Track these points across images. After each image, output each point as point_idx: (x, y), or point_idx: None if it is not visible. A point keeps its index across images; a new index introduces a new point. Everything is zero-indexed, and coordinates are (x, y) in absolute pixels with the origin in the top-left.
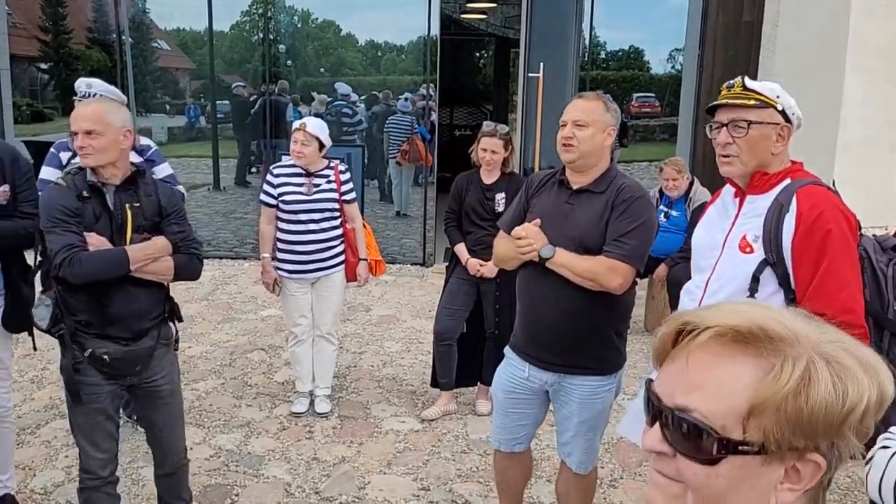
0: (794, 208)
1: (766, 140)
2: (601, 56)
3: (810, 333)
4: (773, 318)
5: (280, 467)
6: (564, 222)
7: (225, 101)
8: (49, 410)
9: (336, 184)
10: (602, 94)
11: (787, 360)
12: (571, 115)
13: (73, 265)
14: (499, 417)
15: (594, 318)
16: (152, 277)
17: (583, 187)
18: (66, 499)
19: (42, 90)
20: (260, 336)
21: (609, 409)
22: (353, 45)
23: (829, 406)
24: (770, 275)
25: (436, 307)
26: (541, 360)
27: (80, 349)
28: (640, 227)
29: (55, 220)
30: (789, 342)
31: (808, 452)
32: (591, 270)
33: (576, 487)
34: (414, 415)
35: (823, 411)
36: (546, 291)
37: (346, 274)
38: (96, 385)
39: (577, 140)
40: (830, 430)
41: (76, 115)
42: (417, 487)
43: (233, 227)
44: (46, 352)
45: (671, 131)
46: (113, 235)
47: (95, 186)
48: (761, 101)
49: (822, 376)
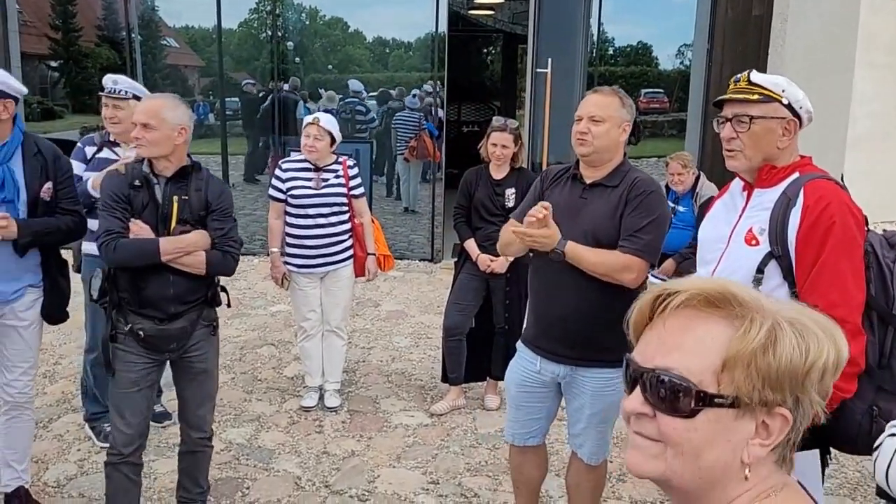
0: (800, 202)
1: (770, 134)
2: (609, 52)
3: (773, 304)
4: (739, 287)
5: (290, 461)
6: (578, 216)
7: (234, 98)
8: (62, 404)
9: (344, 178)
10: (618, 90)
11: (755, 320)
12: (587, 109)
13: (108, 250)
14: (511, 411)
15: (607, 310)
16: (185, 269)
17: (596, 181)
18: (78, 491)
19: (52, 88)
20: (269, 331)
21: (619, 403)
22: (360, 41)
23: (794, 360)
24: (775, 268)
25: (444, 303)
26: (553, 353)
27: (123, 322)
28: (654, 221)
29: (105, 204)
30: (755, 307)
31: (775, 406)
32: (604, 264)
33: (586, 479)
34: (423, 409)
35: (789, 365)
36: (559, 284)
37: (354, 269)
38: (134, 355)
39: (593, 135)
40: (795, 383)
41: (138, 107)
42: (427, 481)
43: (242, 223)
44: (59, 346)
45: (680, 127)
46: (157, 224)
47: (147, 177)
48: (766, 96)
49: (786, 334)
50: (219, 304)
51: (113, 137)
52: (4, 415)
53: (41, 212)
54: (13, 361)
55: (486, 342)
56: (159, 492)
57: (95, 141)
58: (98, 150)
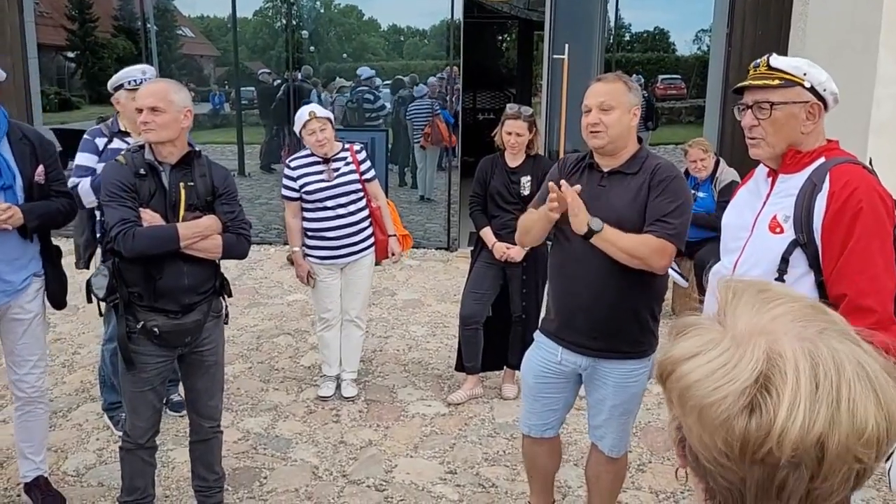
0: (826, 187)
1: (793, 120)
2: (625, 38)
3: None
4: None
5: (307, 450)
6: (598, 204)
7: (249, 87)
8: (80, 394)
9: (354, 164)
10: (621, 75)
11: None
12: (594, 99)
13: (126, 239)
14: (528, 402)
15: (632, 299)
16: (201, 254)
17: (615, 169)
18: (97, 480)
19: (69, 79)
20: (286, 320)
21: (643, 393)
22: (375, 29)
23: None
24: (800, 256)
25: (460, 291)
26: (576, 344)
27: (133, 320)
28: (681, 206)
29: (112, 194)
30: None
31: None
32: (638, 248)
33: (606, 471)
34: (440, 399)
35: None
36: (582, 273)
37: (376, 253)
38: (147, 355)
39: (605, 125)
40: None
41: (142, 91)
42: (444, 471)
43: (258, 212)
44: (77, 336)
45: (697, 113)
46: (166, 212)
47: (152, 165)
48: (787, 80)
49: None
50: (230, 294)
51: (124, 126)
52: (18, 410)
53: (37, 196)
54: (22, 356)
55: (503, 331)
56: (177, 481)
57: (104, 132)
58: (109, 141)
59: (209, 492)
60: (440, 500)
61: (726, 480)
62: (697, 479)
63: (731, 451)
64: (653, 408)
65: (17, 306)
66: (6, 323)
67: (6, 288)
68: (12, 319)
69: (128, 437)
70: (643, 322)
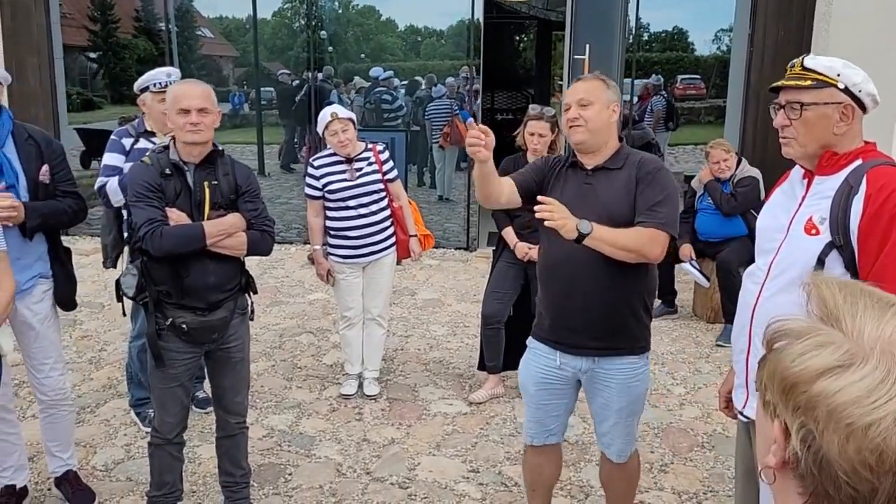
0: (863, 189)
1: (824, 121)
2: (644, 38)
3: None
4: None
5: (331, 448)
6: (587, 202)
7: (268, 87)
8: (108, 390)
9: (377, 164)
10: (600, 74)
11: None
12: (573, 96)
13: (154, 238)
14: (531, 411)
15: (628, 294)
16: (227, 252)
17: (599, 166)
18: (126, 475)
19: (92, 79)
20: (308, 319)
21: (646, 392)
22: (393, 30)
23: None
24: (836, 258)
25: (480, 291)
26: (574, 347)
27: (162, 317)
28: (669, 195)
29: (139, 194)
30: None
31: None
32: (631, 241)
33: (619, 477)
34: (461, 398)
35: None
36: (576, 273)
37: (398, 252)
38: (176, 352)
39: (584, 119)
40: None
41: (188, 92)
42: (467, 469)
43: (278, 212)
44: (103, 333)
45: (717, 114)
46: (192, 211)
47: (177, 165)
48: (819, 81)
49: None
50: (255, 291)
51: (149, 127)
52: (42, 412)
53: (42, 196)
54: (38, 359)
55: (524, 331)
56: (203, 476)
57: (130, 132)
58: (135, 142)
59: (236, 487)
60: (463, 499)
61: (854, 490)
62: (798, 484)
63: (881, 465)
64: (674, 409)
65: (24, 308)
66: (18, 326)
67: None
68: (22, 322)
69: (157, 432)
70: (639, 317)
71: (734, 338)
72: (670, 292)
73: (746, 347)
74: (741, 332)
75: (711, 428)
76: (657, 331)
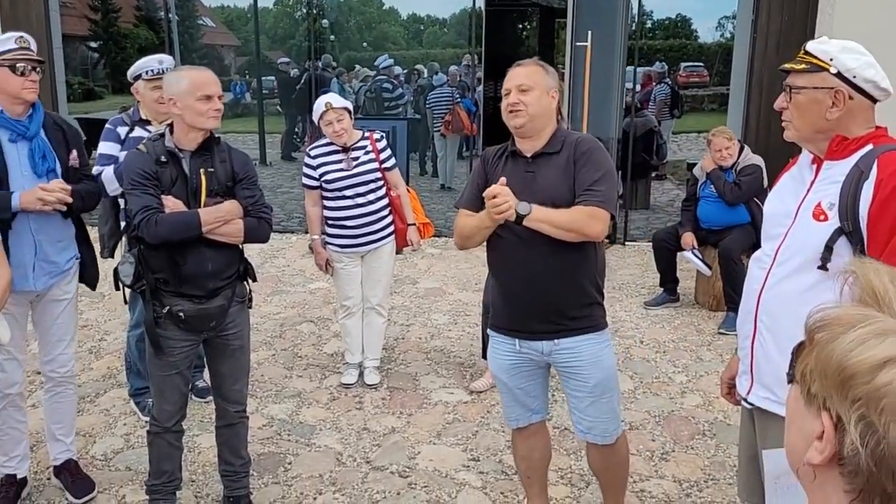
0: (874, 174)
1: (815, 105)
2: (647, 25)
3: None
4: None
5: (331, 437)
6: (529, 189)
7: (270, 76)
8: (107, 379)
9: (374, 153)
10: (538, 61)
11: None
12: (513, 81)
13: (150, 226)
14: (509, 398)
15: (578, 277)
16: (223, 239)
17: (538, 152)
18: (125, 465)
19: (93, 69)
20: (309, 308)
21: (615, 368)
22: (395, 19)
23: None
24: (845, 244)
25: (481, 280)
26: (531, 333)
27: (160, 305)
28: (606, 174)
29: (134, 182)
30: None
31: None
32: (571, 220)
33: (612, 460)
34: (462, 386)
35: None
36: (528, 261)
37: (396, 241)
38: (173, 340)
39: (524, 104)
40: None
41: (209, 79)
42: (467, 458)
43: (280, 201)
44: (103, 323)
45: (720, 101)
46: (188, 198)
47: (173, 152)
48: (813, 65)
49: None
50: (254, 279)
51: (144, 115)
52: (48, 392)
53: (73, 180)
54: (57, 336)
55: None
56: (203, 465)
57: (126, 121)
58: (130, 130)
59: (235, 476)
60: (463, 487)
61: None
62: (845, 481)
63: None
64: (676, 397)
65: (57, 288)
66: (44, 304)
67: (52, 269)
68: (51, 301)
69: (155, 420)
70: (592, 297)
71: (739, 324)
72: (672, 280)
73: (752, 334)
74: (746, 319)
75: (713, 416)
76: (659, 319)
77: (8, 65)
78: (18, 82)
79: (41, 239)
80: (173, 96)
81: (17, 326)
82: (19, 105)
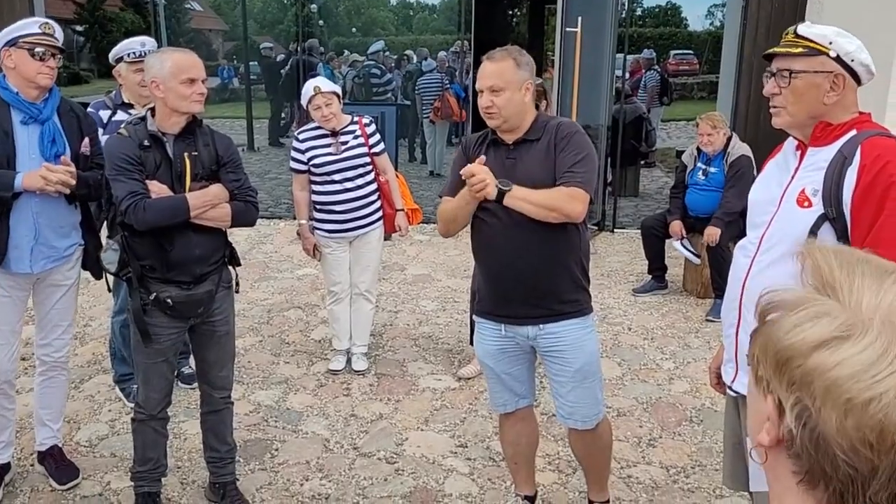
0: (857, 160)
1: (814, 89)
2: (637, 13)
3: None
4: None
5: (318, 423)
6: (510, 176)
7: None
8: (92, 366)
9: (363, 138)
10: (510, 50)
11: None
12: (484, 82)
13: (137, 212)
14: (496, 383)
15: (563, 260)
16: (211, 223)
17: (519, 139)
18: (110, 451)
19: (78, 53)
20: (296, 294)
21: (598, 354)
22: (384, 4)
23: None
24: (828, 230)
25: (470, 267)
26: (516, 317)
27: (146, 292)
28: (586, 157)
29: (118, 167)
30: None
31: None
32: (551, 199)
33: (594, 448)
34: (450, 373)
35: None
36: (511, 244)
37: (384, 226)
38: (160, 327)
39: (497, 107)
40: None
41: (194, 62)
42: (455, 444)
43: (267, 187)
44: (88, 308)
45: (710, 89)
46: (173, 183)
47: (156, 136)
48: (810, 49)
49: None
50: (238, 263)
51: (127, 99)
52: (40, 375)
53: (83, 167)
54: (55, 321)
55: None
56: (189, 452)
57: (108, 104)
58: (113, 114)
59: (221, 463)
60: (451, 473)
61: (852, 468)
62: (792, 463)
63: (882, 442)
64: (663, 383)
65: (58, 272)
66: (44, 288)
67: (52, 254)
68: (51, 285)
69: (140, 407)
70: (577, 281)
71: (724, 312)
72: (660, 267)
73: (736, 322)
74: (731, 307)
75: (700, 402)
76: (647, 306)
77: (27, 48)
78: (35, 66)
79: (42, 222)
80: (156, 79)
81: (14, 310)
82: (34, 89)
